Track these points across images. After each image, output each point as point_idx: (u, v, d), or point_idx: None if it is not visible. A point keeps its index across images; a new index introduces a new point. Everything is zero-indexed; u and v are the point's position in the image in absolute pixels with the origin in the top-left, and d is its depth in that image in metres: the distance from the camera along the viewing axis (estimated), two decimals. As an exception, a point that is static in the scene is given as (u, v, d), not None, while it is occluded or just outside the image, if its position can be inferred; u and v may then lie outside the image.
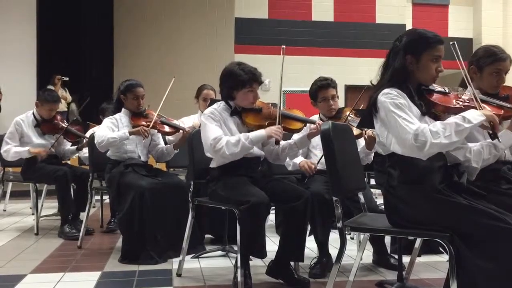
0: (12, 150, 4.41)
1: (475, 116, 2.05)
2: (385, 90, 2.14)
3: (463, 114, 2.06)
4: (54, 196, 4.62)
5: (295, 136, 3.18)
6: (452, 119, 2.05)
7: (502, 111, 2.33)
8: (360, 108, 3.55)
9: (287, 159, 3.35)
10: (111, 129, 3.74)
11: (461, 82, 2.65)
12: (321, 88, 3.45)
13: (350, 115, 3.42)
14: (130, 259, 3.38)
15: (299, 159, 3.38)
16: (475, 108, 2.18)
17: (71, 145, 4.71)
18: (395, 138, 2.11)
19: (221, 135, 2.86)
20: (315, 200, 2.94)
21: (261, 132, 2.87)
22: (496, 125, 2.08)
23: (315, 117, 3.40)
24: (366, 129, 3.21)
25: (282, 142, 3.06)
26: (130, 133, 3.69)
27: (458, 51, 2.22)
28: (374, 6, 11.08)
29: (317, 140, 3.12)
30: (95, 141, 3.69)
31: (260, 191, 2.77)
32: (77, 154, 4.95)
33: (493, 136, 2.09)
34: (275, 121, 2.95)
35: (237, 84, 2.94)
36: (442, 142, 2.00)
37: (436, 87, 2.26)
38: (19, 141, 4.46)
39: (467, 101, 2.23)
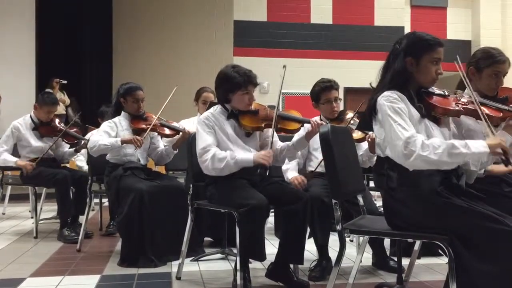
0: (1, 157, 4.42)
1: (478, 145, 2.01)
2: (386, 93, 2.15)
3: (468, 140, 2.03)
4: (53, 199, 4.62)
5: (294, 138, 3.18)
6: (452, 141, 2.04)
7: (501, 113, 2.34)
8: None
9: (284, 166, 3.36)
10: (108, 133, 3.74)
11: (459, 84, 2.65)
12: (324, 90, 3.44)
13: (353, 117, 3.41)
14: (129, 262, 3.37)
15: (291, 174, 3.36)
16: (475, 111, 2.18)
17: (69, 147, 4.71)
18: (387, 142, 2.12)
19: (210, 145, 2.85)
20: (314, 203, 2.94)
21: (248, 157, 2.84)
22: (507, 151, 2.01)
23: (316, 119, 3.40)
24: (369, 132, 3.21)
25: (281, 144, 3.07)
26: (122, 142, 3.64)
27: (460, 63, 2.21)
28: (373, 8, 11.10)
29: (318, 143, 3.12)
30: (88, 146, 3.70)
31: (259, 194, 2.77)
32: (74, 156, 4.94)
33: (506, 162, 2.02)
34: (272, 122, 2.95)
35: (232, 87, 2.94)
36: (429, 156, 1.98)
37: (436, 90, 2.26)
38: (13, 145, 4.47)
39: (466, 104, 2.23)
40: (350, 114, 3.49)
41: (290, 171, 3.39)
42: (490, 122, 2.16)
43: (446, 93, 2.26)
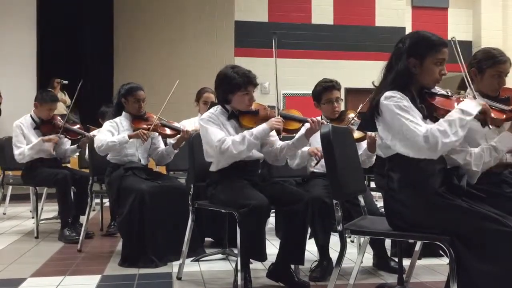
0: (26, 149, 4.35)
1: (472, 107, 2.06)
2: (388, 94, 2.13)
3: (461, 107, 2.06)
4: (54, 200, 4.61)
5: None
6: (454, 115, 2.04)
7: (504, 115, 2.33)
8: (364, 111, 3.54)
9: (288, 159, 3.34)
10: (111, 132, 3.74)
11: (460, 83, 2.65)
12: (326, 90, 3.44)
13: (354, 118, 3.41)
14: (130, 263, 3.37)
15: (306, 148, 3.34)
16: None
17: (71, 144, 4.70)
18: (403, 141, 2.09)
19: (224, 136, 2.86)
20: (315, 204, 2.94)
21: (263, 126, 2.88)
22: (488, 114, 2.10)
23: (317, 119, 3.38)
24: (369, 132, 3.21)
25: (281, 143, 3.07)
26: (130, 137, 3.68)
27: (458, 47, 2.22)
28: (374, 9, 11.10)
29: (319, 143, 3.11)
30: (95, 145, 3.69)
31: (260, 194, 2.77)
32: (77, 154, 4.93)
33: (484, 123, 2.12)
34: None
35: (232, 88, 2.95)
36: (452, 140, 2.00)
37: (438, 90, 2.25)
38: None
39: None
40: (351, 115, 3.49)
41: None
42: (493, 123, 2.17)
43: (449, 94, 2.24)
